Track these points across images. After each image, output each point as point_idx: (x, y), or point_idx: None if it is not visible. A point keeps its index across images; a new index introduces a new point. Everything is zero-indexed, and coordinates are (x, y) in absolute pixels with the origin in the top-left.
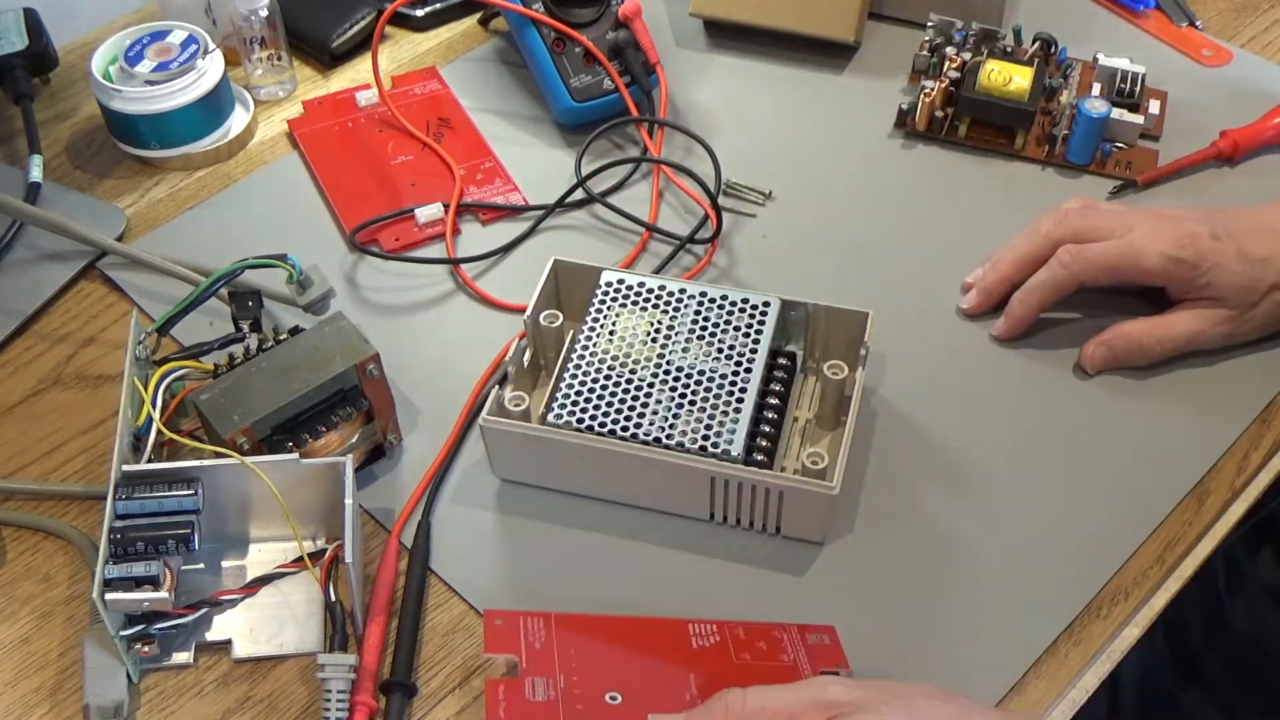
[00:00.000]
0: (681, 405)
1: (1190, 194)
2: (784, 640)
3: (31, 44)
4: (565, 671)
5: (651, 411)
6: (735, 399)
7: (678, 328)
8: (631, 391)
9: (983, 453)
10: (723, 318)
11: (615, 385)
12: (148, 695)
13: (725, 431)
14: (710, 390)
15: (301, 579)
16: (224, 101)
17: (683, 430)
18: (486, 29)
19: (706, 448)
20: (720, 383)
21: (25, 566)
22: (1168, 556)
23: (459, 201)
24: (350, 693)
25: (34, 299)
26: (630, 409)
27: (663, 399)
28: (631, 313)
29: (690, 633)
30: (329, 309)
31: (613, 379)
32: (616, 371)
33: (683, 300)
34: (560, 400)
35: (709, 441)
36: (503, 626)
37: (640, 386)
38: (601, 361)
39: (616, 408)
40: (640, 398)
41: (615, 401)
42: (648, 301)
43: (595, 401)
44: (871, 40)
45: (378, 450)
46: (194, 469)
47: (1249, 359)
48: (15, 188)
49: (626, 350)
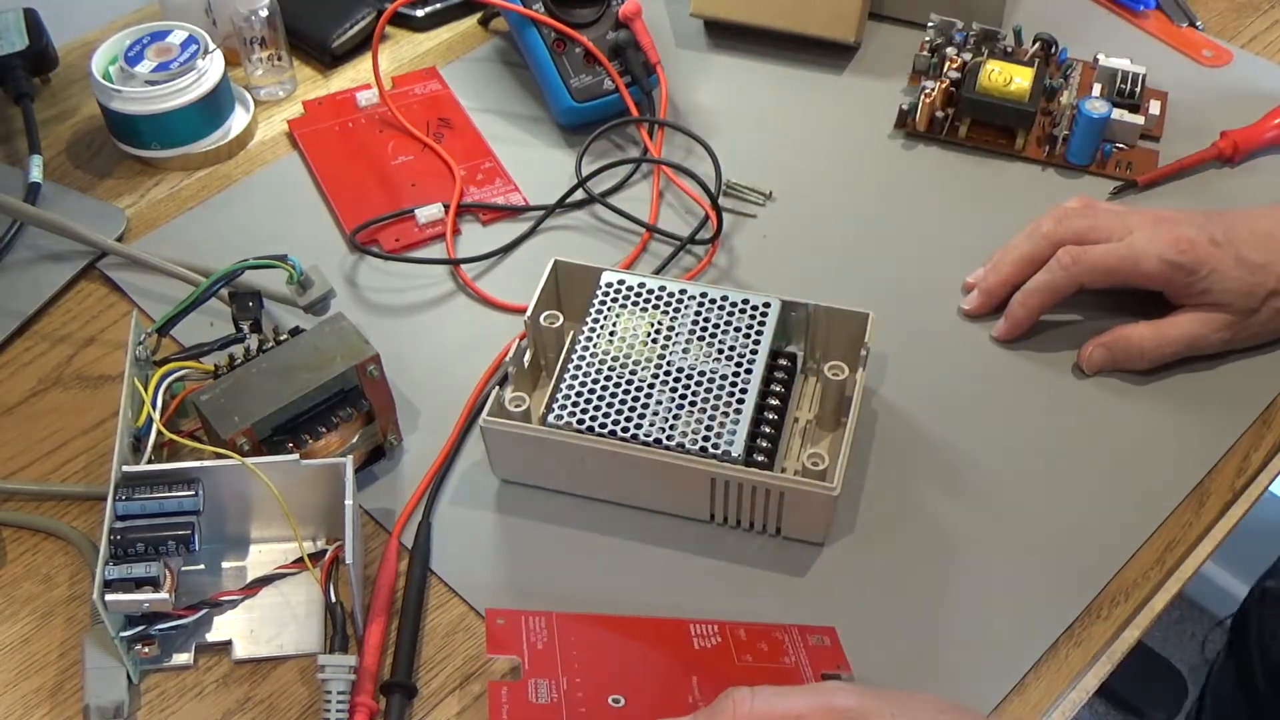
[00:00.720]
0: (682, 406)
1: (1190, 194)
2: (785, 642)
3: (31, 44)
4: (568, 673)
5: (652, 412)
6: (736, 400)
7: (678, 328)
8: (631, 392)
9: (983, 453)
10: (723, 318)
11: (615, 386)
12: (148, 696)
13: (725, 432)
14: (710, 391)
15: (302, 580)
16: (224, 102)
17: (683, 431)
18: (486, 29)
19: (707, 449)
20: (720, 383)
21: (25, 567)
22: (1168, 557)
23: (459, 202)
24: (350, 694)
25: (34, 299)
26: (630, 409)
27: (663, 400)
28: (632, 313)
29: (692, 633)
30: (329, 309)
31: (613, 379)
32: (616, 372)
33: (683, 301)
34: (560, 400)
35: (709, 442)
36: (505, 626)
37: (640, 387)
38: (601, 362)
39: (616, 408)
40: (640, 398)
41: (615, 402)
42: (648, 302)
43: (595, 402)
44: (871, 40)
45: (378, 451)
46: (194, 470)
47: (1249, 360)
48: (15, 188)
49: (627, 351)
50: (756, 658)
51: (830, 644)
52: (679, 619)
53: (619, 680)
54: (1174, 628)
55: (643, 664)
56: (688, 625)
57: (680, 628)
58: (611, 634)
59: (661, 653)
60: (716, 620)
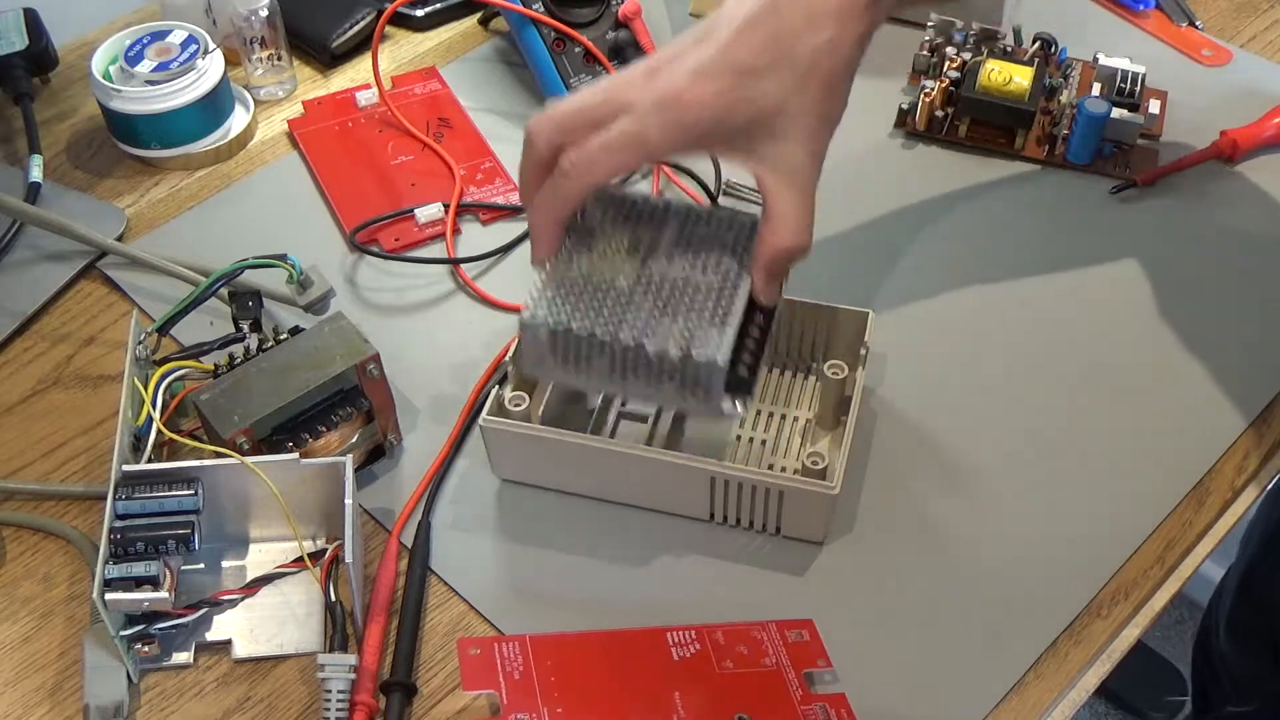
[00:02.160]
0: (665, 313)
1: (1190, 194)
2: (764, 641)
3: (31, 44)
4: (548, 703)
5: (633, 315)
6: (721, 309)
7: (664, 241)
8: (613, 294)
9: (983, 452)
10: (710, 233)
11: (595, 290)
12: (148, 695)
13: (710, 340)
14: (695, 300)
15: (301, 579)
16: (224, 101)
17: (664, 336)
18: (486, 29)
19: (690, 355)
20: (706, 294)
21: (25, 566)
22: (1168, 556)
23: (459, 201)
24: (350, 693)
25: (34, 299)
26: (610, 312)
27: (644, 306)
28: (616, 223)
29: (670, 642)
30: (329, 309)
31: (592, 283)
32: (598, 276)
33: (667, 215)
34: (536, 297)
35: (691, 348)
36: (479, 657)
37: (622, 292)
38: (581, 271)
39: (596, 308)
40: (621, 302)
41: (594, 304)
42: (630, 216)
43: (574, 302)
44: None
45: (378, 450)
46: (194, 469)
47: (1249, 360)
48: (15, 188)
49: (609, 259)
50: (737, 662)
51: (809, 637)
52: (656, 628)
53: (601, 706)
54: (1174, 628)
55: (624, 683)
56: (665, 635)
57: (658, 638)
58: (588, 654)
59: (642, 668)
60: (694, 625)
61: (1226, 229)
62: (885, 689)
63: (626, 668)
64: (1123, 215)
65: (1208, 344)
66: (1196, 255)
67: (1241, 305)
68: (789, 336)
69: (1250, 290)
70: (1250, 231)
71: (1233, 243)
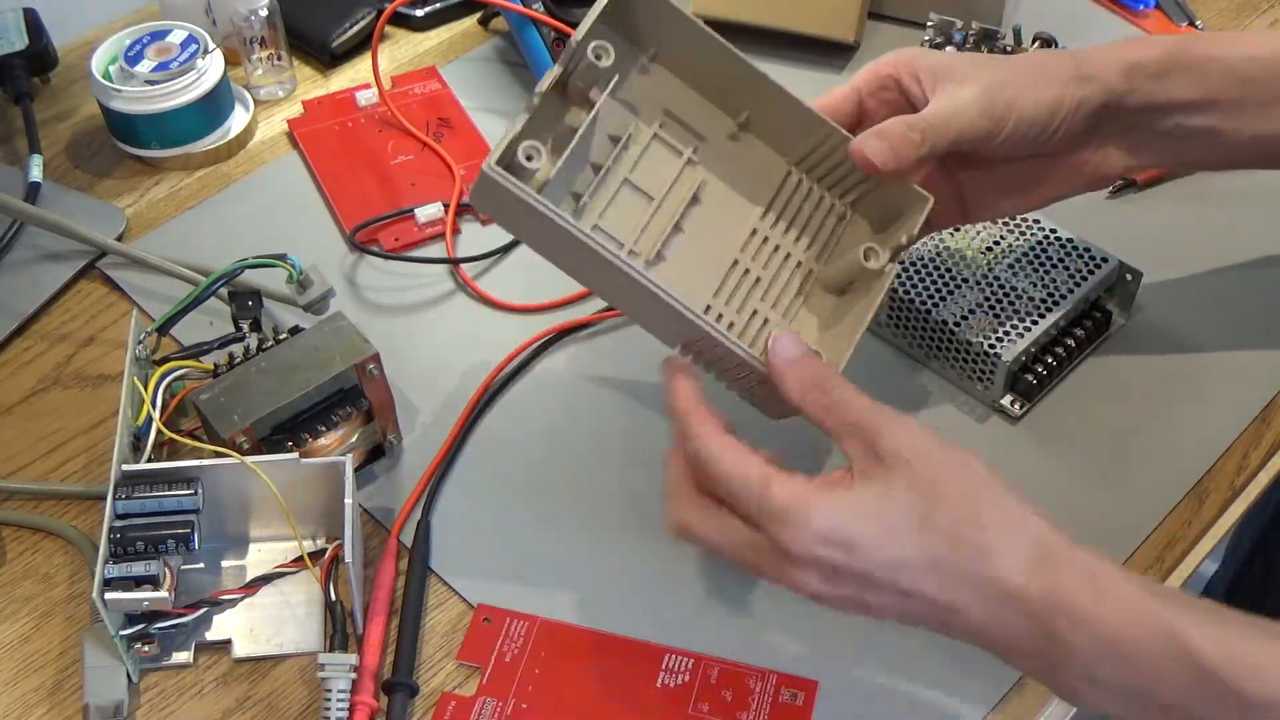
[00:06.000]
0: (982, 307)
1: (1190, 194)
2: (754, 692)
3: (31, 44)
4: (519, 695)
5: (954, 301)
6: (1033, 318)
7: (1015, 249)
8: (945, 279)
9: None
10: (1058, 254)
11: (940, 269)
12: (147, 695)
13: (1009, 339)
14: (1014, 304)
15: (301, 579)
16: (224, 101)
17: (972, 326)
18: (486, 29)
19: (994, 344)
20: (1026, 301)
21: (25, 566)
22: (1167, 556)
23: (459, 201)
24: (351, 692)
25: (34, 299)
26: (939, 292)
27: (968, 296)
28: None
29: (662, 666)
30: (329, 309)
31: (939, 266)
32: (942, 259)
33: (1025, 229)
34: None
35: (993, 340)
36: (489, 626)
37: (956, 279)
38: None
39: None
40: (951, 288)
41: (928, 282)
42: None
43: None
44: (871, 40)
45: (377, 450)
46: (194, 469)
47: (1249, 359)
48: (15, 188)
49: (959, 250)
50: (712, 708)
51: (803, 704)
52: (656, 645)
53: (565, 705)
54: None
55: (599, 691)
56: (662, 656)
57: (654, 657)
58: (582, 652)
59: (622, 683)
60: (694, 653)
61: (1227, 229)
62: (884, 688)
63: (610, 676)
64: (1123, 215)
65: (1207, 343)
66: (1196, 255)
67: (1241, 305)
68: (840, 166)
69: (1250, 290)
70: (1250, 231)
71: (1233, 243)
